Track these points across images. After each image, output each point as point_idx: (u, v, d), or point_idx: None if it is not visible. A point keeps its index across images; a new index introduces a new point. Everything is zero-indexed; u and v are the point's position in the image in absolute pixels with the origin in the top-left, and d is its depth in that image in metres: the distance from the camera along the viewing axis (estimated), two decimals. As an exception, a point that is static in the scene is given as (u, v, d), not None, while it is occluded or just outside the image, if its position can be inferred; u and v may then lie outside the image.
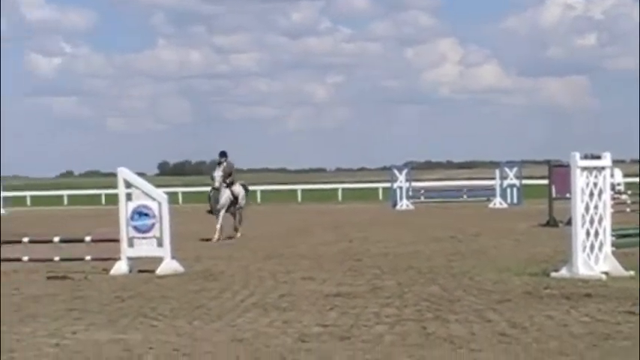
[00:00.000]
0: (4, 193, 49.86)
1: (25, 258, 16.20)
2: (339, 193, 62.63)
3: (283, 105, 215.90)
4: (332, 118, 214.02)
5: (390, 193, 46.64)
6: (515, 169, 44.22)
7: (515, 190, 43.79)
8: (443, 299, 11.35)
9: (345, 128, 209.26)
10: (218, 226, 22.99)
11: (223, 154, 23.85)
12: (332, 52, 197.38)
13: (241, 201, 24.28)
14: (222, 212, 23.44)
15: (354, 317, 10.10)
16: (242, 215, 24.53)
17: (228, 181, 23.69)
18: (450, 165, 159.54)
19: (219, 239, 22.63)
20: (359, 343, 8.62)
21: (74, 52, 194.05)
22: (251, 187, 67.01)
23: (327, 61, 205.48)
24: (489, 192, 45.31)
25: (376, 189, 60.15)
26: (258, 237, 23.69)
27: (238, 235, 23.73)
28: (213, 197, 23.68)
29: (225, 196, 23.63)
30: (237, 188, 24.18)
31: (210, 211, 23.81)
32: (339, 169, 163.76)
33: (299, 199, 60.89)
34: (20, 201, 59.79)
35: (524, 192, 44.57)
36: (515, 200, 43.27)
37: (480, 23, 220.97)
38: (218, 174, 23.43)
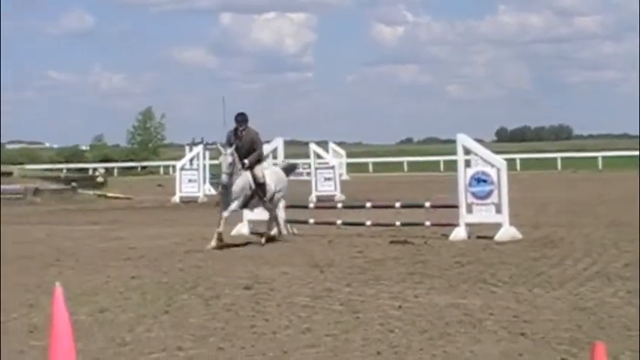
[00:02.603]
0: (347, 159, 51.88)
1: (368, 222, 16.79)
2: (688, 158, 59.04)
3: (628, 68, 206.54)
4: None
5: None
6: None
7: None
8: None
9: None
10: (220, 229, 14.83)
11: (241, 119, 15.50)
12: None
13: (275, 186, 15.95)
14: (233, 206, 15.28)
15: None
16: (276, 217, 16.22)
17: (248, 161, 15.39)
18: None
19: (220, 245, 14.66)
20: None
21: (416, 20, 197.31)
22: (592, 154, 63.56)
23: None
24: None
25: None
26: (602, 203, 22.92)
27: (263, 240, 15.44)
28: (223, 184, 15.35)
29: (242, 183, 15.36)
30: (264, 171, 15.85)
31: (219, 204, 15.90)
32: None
33: (643, 165, 58.18)
34: (363, 167, 61.96)
35: None
36: None
37: None
38: (228, 152, 15.17)
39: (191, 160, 31.58)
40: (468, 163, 15.65)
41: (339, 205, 20.01)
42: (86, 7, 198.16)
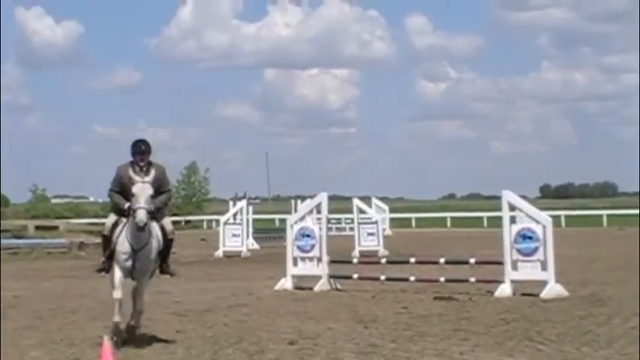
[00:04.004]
0: (390, 215, 51.74)
1: (412, 278, 16.70)
2: None
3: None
4: None
5: None
6: None
7: None
8: None
9: None
10: (139, 304, 10.88)
11: (145, 148, 10.49)
12: None
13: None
14: (146, 278, 10.73)
15: None
16: (143, 288, 10.86)
17: (159, 203, 10.44)
18: None
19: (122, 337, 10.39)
20: None
21: (459, 76, 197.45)
22: (638, 211, 62.51)
23: None
24: None
25: None
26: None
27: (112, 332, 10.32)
28: (128, 236, 10.26)
29: (156, 239, 10.45)
30: (170, 223, 10.87)
31: (103, 268, 10.66)
32: None
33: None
34: (405, 222, 61.78)
35: None
36: None
37: None
38: (147, 180, 10.27)
39: (235, 215, 31.72)
40: (513, 220, 15.57)
41: (383, 260, 19.94)
42: (133, 63, 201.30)
